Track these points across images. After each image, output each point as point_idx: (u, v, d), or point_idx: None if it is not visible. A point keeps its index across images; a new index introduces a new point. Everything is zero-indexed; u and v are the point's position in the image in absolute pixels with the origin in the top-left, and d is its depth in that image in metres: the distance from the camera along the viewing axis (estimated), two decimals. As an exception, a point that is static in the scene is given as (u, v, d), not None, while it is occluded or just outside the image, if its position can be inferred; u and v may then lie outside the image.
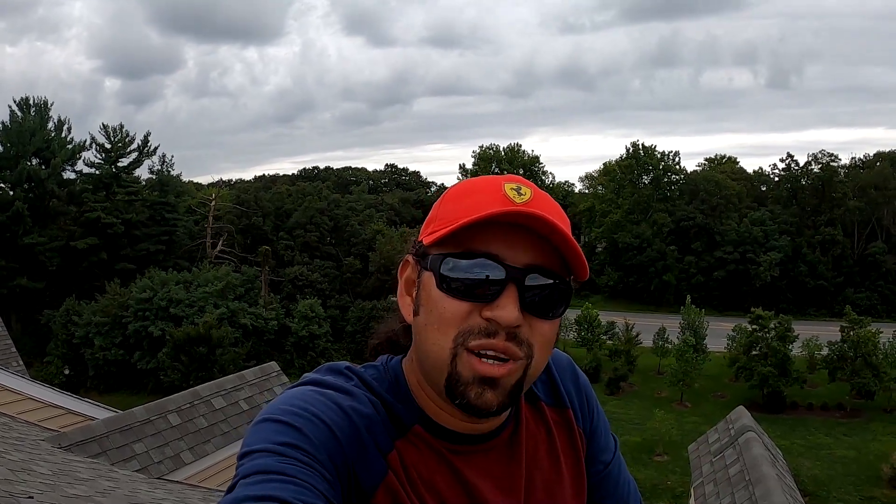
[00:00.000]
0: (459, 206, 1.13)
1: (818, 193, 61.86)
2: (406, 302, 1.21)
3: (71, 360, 42.12)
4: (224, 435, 7.55)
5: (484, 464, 1.21)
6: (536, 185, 1.19)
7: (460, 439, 1.20)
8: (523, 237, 1.09)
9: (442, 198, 1.20)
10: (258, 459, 1.01)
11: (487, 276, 1.08)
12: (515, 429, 1.27)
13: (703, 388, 39.48)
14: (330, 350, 45.32)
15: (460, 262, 1.09)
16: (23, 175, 47.82)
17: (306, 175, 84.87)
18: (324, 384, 1.17)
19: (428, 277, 1.13)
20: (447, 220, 1.11)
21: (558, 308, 1.13)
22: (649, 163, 67.15)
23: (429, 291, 1.13)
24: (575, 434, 1.36)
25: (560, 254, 1.11)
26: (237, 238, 56.97)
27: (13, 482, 4.15)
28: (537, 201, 1.12)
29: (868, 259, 59.35)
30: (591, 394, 1.44)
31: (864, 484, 28.69)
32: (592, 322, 44.18)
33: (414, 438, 1.18)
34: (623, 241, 63.14)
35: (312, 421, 1.07)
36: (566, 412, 1.37)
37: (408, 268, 1.22)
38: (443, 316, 1.10)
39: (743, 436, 6.97)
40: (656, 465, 30.07)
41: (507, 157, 75.05)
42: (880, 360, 35.74)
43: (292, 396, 1.12)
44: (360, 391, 1.17)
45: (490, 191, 1.13)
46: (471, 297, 1.09)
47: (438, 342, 1.10)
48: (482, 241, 1.08)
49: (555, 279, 1.12)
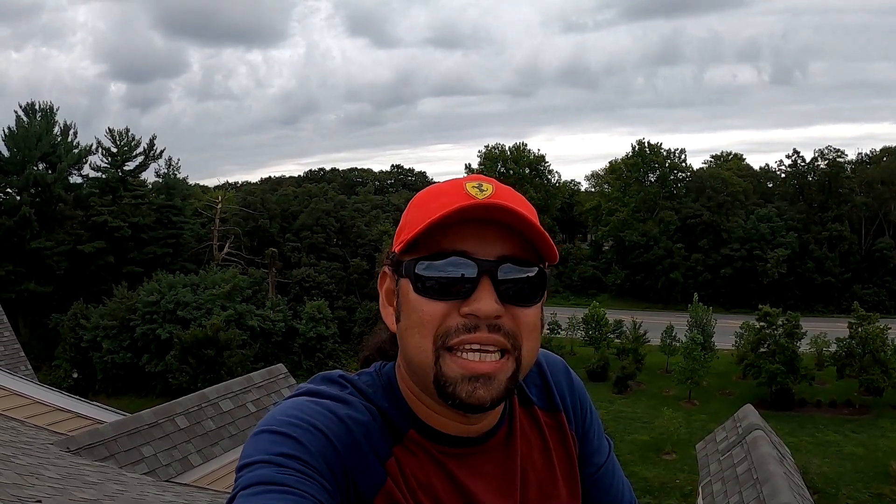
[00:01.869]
0: (425, 210, 1.14)
1: (825, 189, 61.66)
2: (388, 312, 1.22)
3: (79, 363, 42.21)
4: (232, 437, 7.56)
5: (479, 466, 1.22)
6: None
7: (454, 442, 1.21)
8: (492, 231, 1.11)
9: (409, 205, 1.21)
10: (257, 470, 1.02)
11: (461, 273, 1.09)
12: (510, 430, 1.28)
13: (711, 385, 39.40)
14: (338, 351, 45.34)
15: (433, 262, 1.10)
16: (29, 180, 47.98)
17: (312, 177, 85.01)
18: (319, 394, 1.18)
19: (405, 284, 1.14)
20: (414, 226, 1.12)
21: (536, 295, 1.15)
22: (655, 160, 66.99)
23: (407, 297, 1.14)
24: (568, 437, 1.37)
25: (531, 242, 1.13)
26: (244, 240, 57.02)
27: (22, 486, 4.17)
28: (499, 195, 1.14)
29: (875, 255, 59.17)
30: (585, 396, 1.45)
31: (873, 481, 28.58)
32: (600, 321, 44.17)
33: (410, 444, 1.18)
34: (630, 239, 63.05)
35: (310, 431, 1.08)
36: (559, 416, 1.38)
37: (386, 279, 1.23)
38: (422, 318, 1.11)
39: (751, 434, 6.96)
40: (664, 463, 29.98)
41: (512, 157, 74.91)
42: (889, 357, 35.53)
43: (289, 407, 1.13)
44: (356, 399, 1.18)
45: (452, 192, 1.14)
46: (447, 295, 1.10)
47: (420, 345, 1.11)
48: (451, 240, 1.10)
49: (528, 267, 1.13)
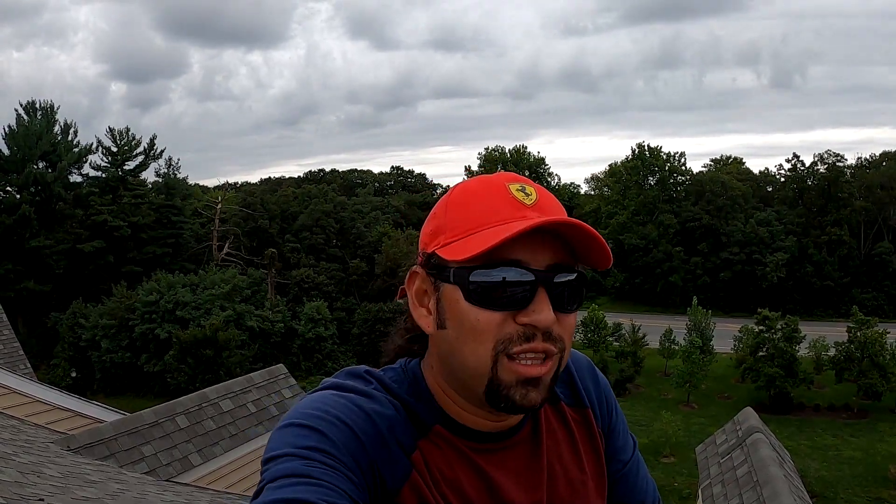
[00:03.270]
0: (470, 212, 1.13)
1: (824, 194, 61.67)
2: (422, 313, 1.20)
3: (78, 362, 42.22)
4: (232, 437, 7.57)
5: (506, 461, 1.23)
6: (542, 186, 1.21)
7: (481, 437, 1.21)
8: (541, 238, 1.10)
9: (446, 204, 1.19)
10: (283, 464, 1.02)
11: (518, 282, 1.09)
12: (535, 426, 1.29)
13: (710, 389, 39.42)
14: (336, 352, 45.35)
15: (488, 272, 1.09)
16: (29, 178, 48.00)
17: (312, 177, 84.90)
18: (344, 388, 1.18)
19: (452, 290, 1.12)
20: (461, 230, 1.12)
21: (580, 299, 1.16)
22: (655, 164, 67.05)
23: (456, 304, 1.12)
24: (595, 433, 1.38)
25: (570, 246, 1.13)
26: (243, 241, 56.99)
27: (24, 485, 4.18)
28: (543, 199, 1.15)
29: (875, 259, 59.17)
30: (610, 393, 1.46)
31: (872, 485, 28.61)
32: (599, 323, 44.14)
33: (436, 438, 1.19)
34: (629, 242, 63.02)
35: (335, 424, 1.08)
36: (586, 412, 1.38)
37: (416, 279, 1.21)
38: (477, 327, 1.10)
39: (751, 437, 6.96)
40: (663, 466, 30.01)
41: (512, 159, 75.05)
42: (887, 361, 35.55)
43: (313, 401, 1.14)
44: (381, 394, 1.18)
45: (497, 194, 1.14)
46: (503, 305, 1.09)
47: (476, 352, 1.10)
48: (505, 248, 1.07)
49: (574, 273, 1.14)
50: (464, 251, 1.09)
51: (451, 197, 1.20)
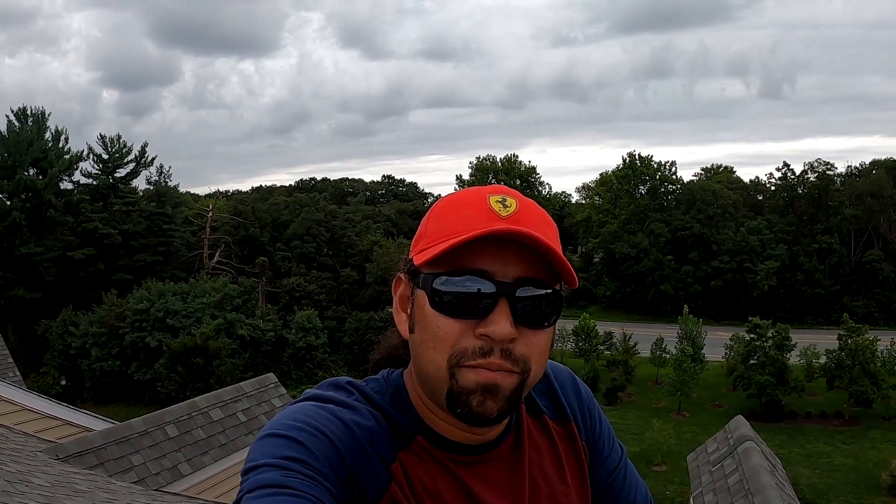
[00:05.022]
0: (447, 221, 1.14)
1: (815, 202, 62.06)
2: (402, 318, 1.22)
3: (67, 370, 41.99)
4: (222, 447, 7.52)
5: (487, 473, 1.22)
6: (533, 196, 1.20)
7: (462, 450, 1.21)
8: (513, 250, 1.09)
9: (429, 213, 1.20)
10: (262, 474, 1.02)
11: (479, 291, 1.08)
12: (517, 438, 1.28)
13: (701, 397, 39.46)
14: (327, 361, 45.26)
15: (451, 279, 1.09)
16: (20, 185, 47.79)
17: (303, 186, 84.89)
18: (325, 399, 1.18)
19: (421, 295, 1.13)
20: (435, 238, 1.13)
21: (550, 318, 1.14)
22: (646, 173, 67.30)
23: (423, 309, 1.13)
24: (578, 446, 1.37)
25: (547, 262, 1.12)
26: (234, 249, 56.93)
27: (11, 494, 4.14)
28: (523, 211, 1.13)
29: (865, 267, 59.48)
30: (593, 403, 1.45)
31: (864, 492, 28.68)
32: (590, 332, 44.12)
33: (416, 449, 1.18)
34: (620, 251, 63.14)
35: (315, 435, 1.08)
36: (569, 424, 1.38)
37: (401, 285, 1.23)
38: (437, 334, 1.10)
39: (742, 445, 6.96)
40: (654, 474, 30.00)
41: (503, 168, 75.21)
42: (878, 368, 35.74)
43: (294, 412, 1.13)
44: (362, 405, 1.18)
45: (475, 204, 1.14)
46: (463, 314, 1.09)
47: (435, 360, 1.11)
48: (472, 257, 1.08)
49: (545, 289, 1.12)
50: (426, 256, 1.11)
51: (435, 206, 1.21)
